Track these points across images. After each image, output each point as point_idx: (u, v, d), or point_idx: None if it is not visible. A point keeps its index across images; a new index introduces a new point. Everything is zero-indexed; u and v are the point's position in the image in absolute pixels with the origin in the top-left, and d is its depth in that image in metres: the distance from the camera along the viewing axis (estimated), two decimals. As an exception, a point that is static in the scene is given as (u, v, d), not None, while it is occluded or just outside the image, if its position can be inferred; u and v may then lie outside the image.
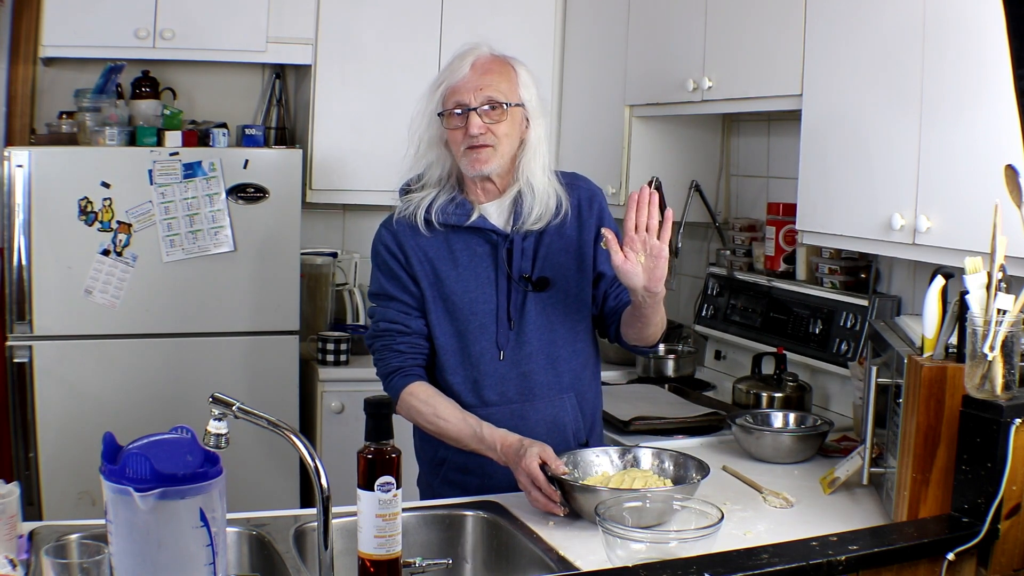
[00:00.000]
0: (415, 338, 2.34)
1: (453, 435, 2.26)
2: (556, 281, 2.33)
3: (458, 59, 2.28)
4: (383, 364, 2.35)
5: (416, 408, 2.28)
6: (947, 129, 2.33)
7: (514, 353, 2.33)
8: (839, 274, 3.14)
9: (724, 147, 3.80)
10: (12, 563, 1.71)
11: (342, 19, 3.93)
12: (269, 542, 1.93)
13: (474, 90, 2.23)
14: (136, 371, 3.60)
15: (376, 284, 2.38)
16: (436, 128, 2.29)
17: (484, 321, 2.32)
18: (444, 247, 2.31)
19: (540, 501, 2.10)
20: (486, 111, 2.23)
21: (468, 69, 2.25)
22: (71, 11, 3.61)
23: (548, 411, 2.35)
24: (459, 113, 2.24)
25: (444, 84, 2.27)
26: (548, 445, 2.14)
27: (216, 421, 1.69)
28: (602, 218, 2.37)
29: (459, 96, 2.24)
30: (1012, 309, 1.85)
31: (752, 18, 3.01)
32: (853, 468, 2.30)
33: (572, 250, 2.35)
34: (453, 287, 2.31)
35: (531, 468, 2.09)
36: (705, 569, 1.71)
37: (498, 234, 2.31)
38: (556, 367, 2.36)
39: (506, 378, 2.33)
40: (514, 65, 2.31)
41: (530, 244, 2.32)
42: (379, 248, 2.37)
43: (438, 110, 2.27)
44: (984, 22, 2.19)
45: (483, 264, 2.31)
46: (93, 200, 3.50)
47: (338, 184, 4.00)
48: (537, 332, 2.33)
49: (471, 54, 2.28)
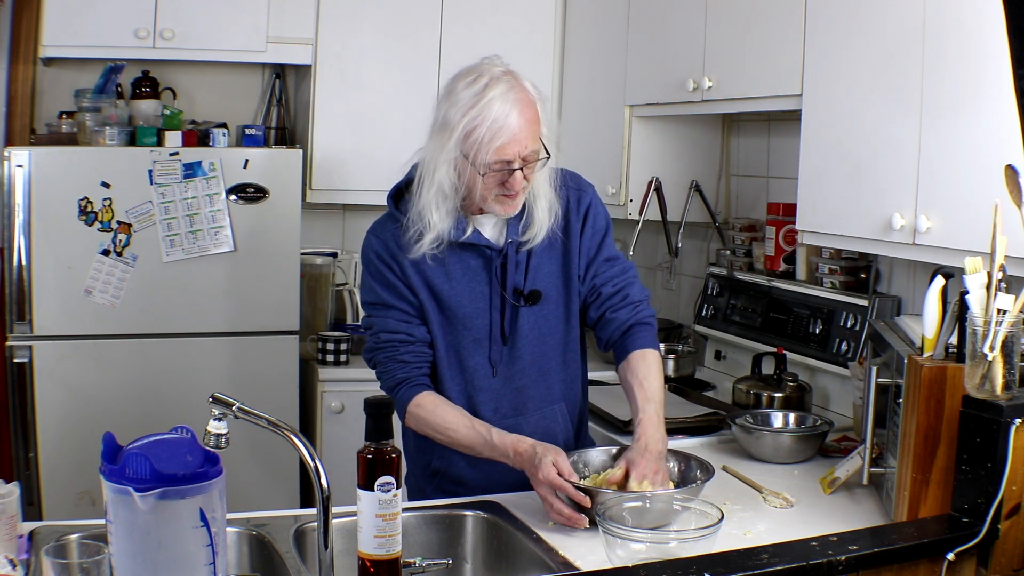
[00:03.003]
0: (419, 346, 2.28)
1: (465, 444, 2.22)
2: (547, 293, 2.30)
3: (500, 102, 2.09)
4: (388, 376, 2.29)
5: (424, 419, 2.24)
6: (947, 129, 2.33)
7: (507, 369, 2.31)
8: (839, 274, 3.14)
9: (724, 147, 3.80)
10: (12, 563, 1.71)
11: (342, 19, 3.93)
12: (269, 542, 1.93)
13: (520, 148, 2.11)
14: (136, 371, 3.60)
15: (371, 293, 2.30)
16: (464, 169, 2.15)
17: (478, 336, 2.29)
18: (437, 260, 2.24)
19: (564, 513, 2.02)
20: (526, 163, 2.15)
21: (516, 120, 2.09)
22: (71, 11, 3.61)
23: (540, 423, 2.34)
24: (501, 170, 2.13)
25: (490, 140, 2.09)
26: (561, 450, 2.09)
27: (216, 421, 1.69)
28: (587, 217, 2.32)
29: (506, 155, 2.11)
30: (1012, 309, 1.85)
31: (752, 18, 3.01)
32: (853, 468, 2.30)
33: (560, 258, 2.31)
34: (448, 301, 2.26)
35: (551, 478, 2.03)
36: (705, 569, 1.71)
37: (492, 249, 2.26)
38: (547, 380, 2.35)
39: (500, 394, 2.32)
40: (537, 104, 2.17)
41: (523, 256, 2.28)
42: (371, 256, 2.29)
43: (482, 165, 2.11)
44: (984, 22, 2.19)
45: (477, 279, 2.27)
46: (93, 200, 3.50)
47: (338, 184, 4.00)
48: (529, 347, 2.31)
49: (511, 98, 2.10)
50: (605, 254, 2.35)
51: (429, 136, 2.19)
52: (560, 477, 2.03)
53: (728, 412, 2.93)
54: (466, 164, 2.13)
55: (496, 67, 2.16)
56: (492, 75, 2.13)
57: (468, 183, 2.16)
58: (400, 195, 2.30)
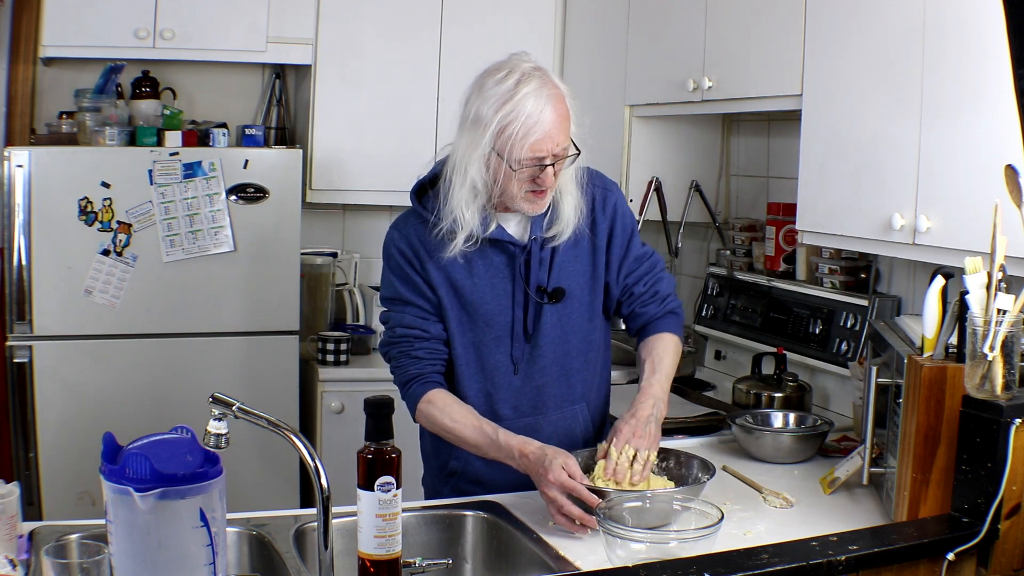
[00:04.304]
0: (434, 343, 2.26)
1: (471, 443, 2.20)
2: (571, 290, 2.28)
3: (534, 97, 2.08)
4: (401, 372, 2.27)
5: (433, 416, 2.23)
6: (947, 129, 2.33)
7: (528, 367, 2.29)
8: (839, 274, 3.14)
9: (724, 147, 3.79)
10: (12, 563, 1.71)
11: (342, 19, 3.93)
12: (269, 542, 1.93)
13: (553, 145, 2.11)
14: (136, 371, 3.60)
15: (390, 288, 2.29)
16: (498, 167, 2.13)
17: (500, 334, 2.27)
18: (460, 256, 2.22)
19: (575, 514, 2.00)
20: (557, 160, 2.15)
21: (550, 116, 2.09)
22: (71, 11, 3.61)
23: (560, 423, 2.33)
24: (534, 166, 2.12)
25: (524, 136, 2.08)
26: (569, 454, 2.07)
27: (216, 421, 1.69)
28: (615, 217, 2.32)
29: (539, 151, 2.10)
30: (1012, 309, 1.85)
31: (752, 18, 3.01)
32: (853, 468, 2.30)
33: (586, 256, 2.30)
34: (470, 297, 2.25)
35: (563, 480, 2.00)
36: (705, 569, 1.71)
37: (515, 245, 2.24)
38: (569, 379, 2.33)
39: (520, 392, 2.30)
40: (567, 100, 2.16)
41: (547, 253, 2.26)
42: (392, 251, 2.28)
43: (516, 161, 2.10)
44: (984, 22, 2.19)
45: (500, 275, 2.25)
46: (93, 200, 3.50)
47: (338, 184, 4.00)
48: (551, 345, 2.29)
49: (544, 94, 2.09)
50: (635, 253, 2.36)
51: (459, 133, 2.17)
52: (571, 480, 2.01)
53: (728, 412, 2.93)
54: (499, 161, 2.12)
55: (525, 63, 2.14)
56: (523, 71, 2.11)
57: (500, 180, 2.14)
58: (423, 192, 2.27)
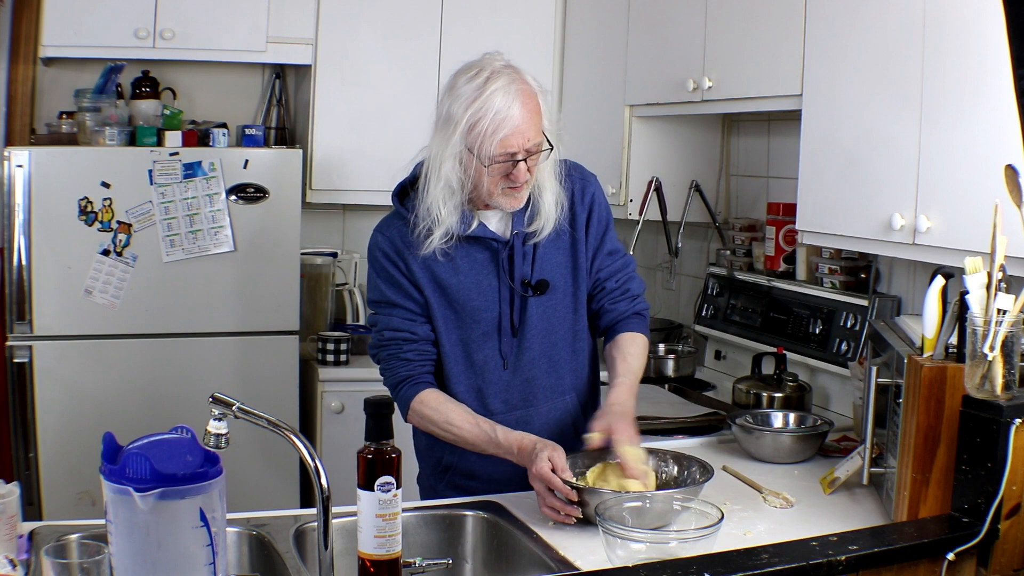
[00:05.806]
0: (422, 344, 2.29)
1: (469, 441, 2.23)
2: (555, 282, 2.32)
3: (502, 94, 2.11)
4: (390, 374, 2.30)
5: (428, 416, 2.25)
6: (947, 129, 2.33)
7: (516, 360, 2.32)
8: (839, 274, 3.14)
9: (724, 147, 3.80)
10: (12, 563, 1.71)
11: (342, 19, 3.93)
12: (269, 542, 1.93)
13: (523, 140, 2.13)
14: (136, 371, 3.60)
15: (376, 291, 2.31)
16: (469, 164, 2.16)
17: (487, 329, 2.30)
18: (445, 255, 2.24)
19: (556, 505, 2.05)
20: (530, 155, 2.17)
21: (518, 112, 2.12)
22: (71, 11, 3.61)
23: (551, 414, 2.35)
24: (505, 162, 2.15)
25: (493, 132, 2.11)
26: (561, 448, 2.10)
27: (216, 421, 1.69)
28: (592, 207, 2.34)
29: (510, 147, 2.13)
30: (1012, 309, 1.85)
31: (752, 18, 3.01)
32: (853, 468, 2.30)
33: (567, 247, 2.33)
34: (456, 295, 2.27)
35: (543, 473, 2.05)
36: (705, 569, 1.71)
37: (498, 241, 2.27)
38: (557, 370, 2.35)
39: (509, 386, 2.32)
40: (539, 96, 2.19)
41: (529, 248, 2.29)
42: (376, 254, 2.30)
43: (486, 158, 2.13)
44: (984, 22, 2.19)
45: (484, 271, 2.28)
46: (93, 200, 3.50)
47: (338, 184, 4.00)
48: (538, 338, 2.32)
49: (512, 90, 2.12)
50: (608, 247, 2.38)
51: (433, 132, 2.21)
52: (551, 472, 2.04)
53: (728, 412, 2.93)
54: (471, 158, 2.15)
55: (497, 61, 2.18)
56: (493, 69, 2.15)
57: (474, 177, 2.17)
58: (405, 193, 2.31)
